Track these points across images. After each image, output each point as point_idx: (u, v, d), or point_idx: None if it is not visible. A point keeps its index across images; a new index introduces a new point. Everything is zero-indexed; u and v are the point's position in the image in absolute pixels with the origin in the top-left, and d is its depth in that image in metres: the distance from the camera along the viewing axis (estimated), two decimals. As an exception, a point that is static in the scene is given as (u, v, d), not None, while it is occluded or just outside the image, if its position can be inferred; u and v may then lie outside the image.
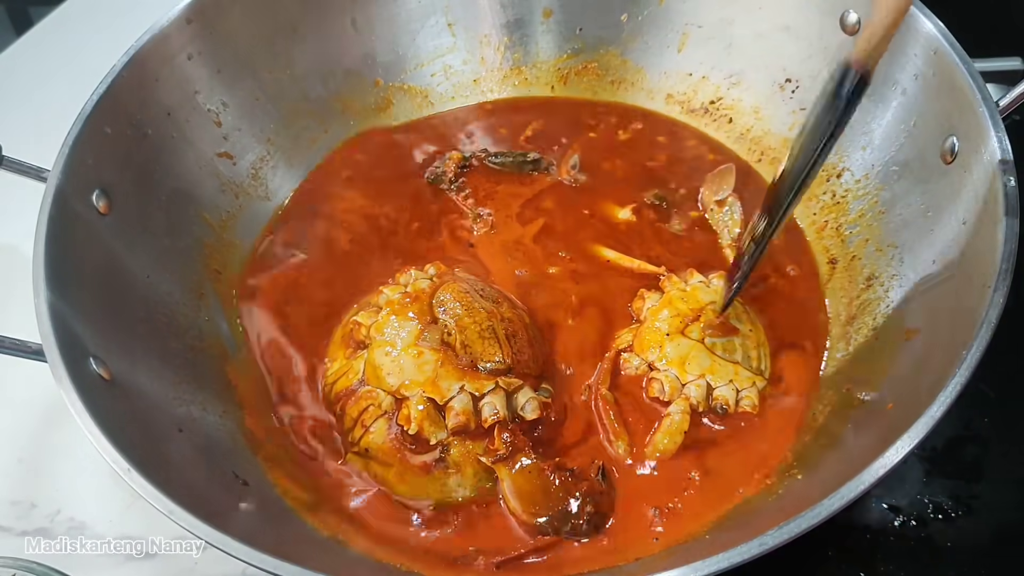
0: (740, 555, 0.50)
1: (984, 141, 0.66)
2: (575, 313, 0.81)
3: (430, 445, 0.69)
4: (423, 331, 0.72)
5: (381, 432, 0.70)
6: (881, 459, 0.53)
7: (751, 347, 0.74)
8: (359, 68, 0.99)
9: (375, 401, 0.70)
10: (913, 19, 0.74)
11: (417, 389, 0.69)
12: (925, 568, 0.72)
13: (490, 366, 0.71)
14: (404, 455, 0.69)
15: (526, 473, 0.68)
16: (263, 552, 0.52)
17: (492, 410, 0.69)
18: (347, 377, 0.73)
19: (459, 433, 0.69)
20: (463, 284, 0.77)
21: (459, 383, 0.69)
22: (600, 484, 0.69)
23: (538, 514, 0.66)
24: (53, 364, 0.60)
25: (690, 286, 0.79)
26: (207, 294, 0.83)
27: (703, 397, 0.72)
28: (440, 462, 0.69)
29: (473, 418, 0.69)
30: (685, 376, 0.73)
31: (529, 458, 0.68)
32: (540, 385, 0.74)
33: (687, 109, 0.99)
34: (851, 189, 0.85)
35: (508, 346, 0.73)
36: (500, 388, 0.70)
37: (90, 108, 0.75)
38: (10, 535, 0.78)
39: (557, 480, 0.67)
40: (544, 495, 0.67)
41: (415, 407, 0.68)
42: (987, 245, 0.62)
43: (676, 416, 0.71)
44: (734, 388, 0.72)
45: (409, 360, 0.71)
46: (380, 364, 0.71)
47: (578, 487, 0.68)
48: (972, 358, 0.56)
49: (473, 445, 0.69)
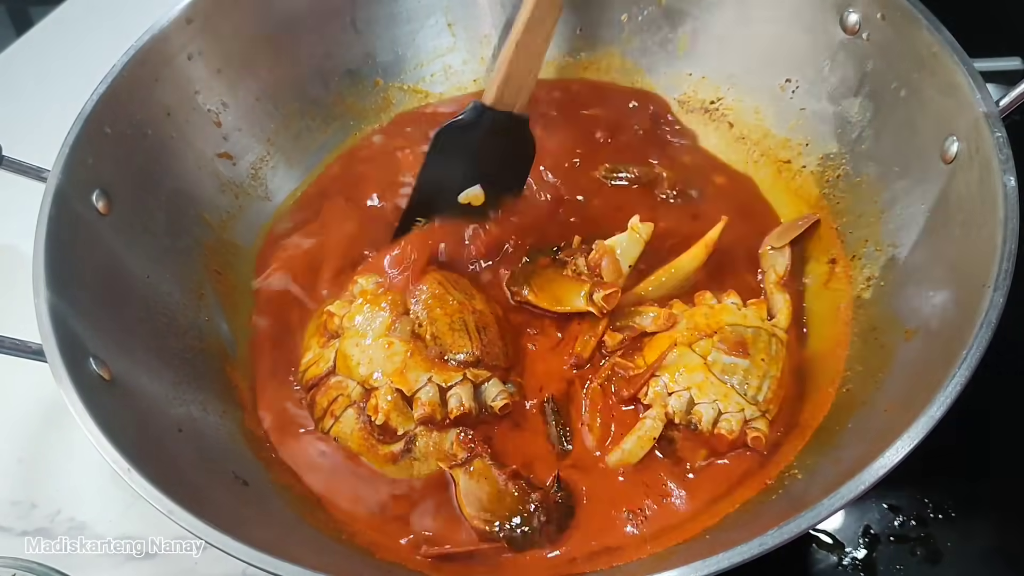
0: (740, 555, 0.50)
1: (984, 141, 0.66)
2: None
3: (397, 435, 0.69)
4: (394, 322, 0.73)
5: (349, 421, 0.70)
6: (881, 459, 0.53)
7: (754, 375, 0.72)
8: (359, 68, 0.99)
9: (344, 391, 0.71)
10: (913, 19, 0.75)
11: (385, 380, 0.70)
12: (925, 568, 0.72)
13: (460, 357, 0.72)
14: (371, 444, 0.70)
15: (481, 478, 0.67)
16: (263, 552, 0.52)
17: (458, 402, 0.69)
18: (318, 366, 0.74)
19: (425, 423, 0.69)
20: (439, 275, 0.78)
21: (427, 374, 0.70)
22: (554, 495, 0.68)
23: (489, 521, 0.66)
24: (53, 364, 0.60)
25: (720, 304, 0.78)
26: (207, 294, 0.83)
27: (682, 409, 0.70)
28: (406, 452, 0.69)
29: (440, 409, 0.69)
30: (672, 385, 0.72)
31: (485, 463, 0.68)
32: (508, 378, 0.74)
33: (687, 110, 0.99)
34: (851, 189, 0.85)
35: (478, 338, 0.73)
36: (468, 380, 0.71)
37: (90, 108, 0.75)
38: (10, 535, 0.78)
39: (512, 487, 0.67)
40: (496, 502, 0.66)
41: (383, 398, 0.69)
42: (987, 245, 0.62)
43: (648, 423, 0.70)
44: (716, 408, 0.70)
45: (379, 350, 0.71)
46: (350, 354, 0.72)
47: (532, 496, 0.67)
48: (972, 358, 0.56)
49: (439, 437, 0.69)
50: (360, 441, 0.70)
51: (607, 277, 0.80)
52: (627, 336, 0.77)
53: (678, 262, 0.83)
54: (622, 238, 0.83)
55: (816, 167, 0.89)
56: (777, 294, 0.81)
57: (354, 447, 0.71)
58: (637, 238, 0.83)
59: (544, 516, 0.66)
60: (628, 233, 0.83)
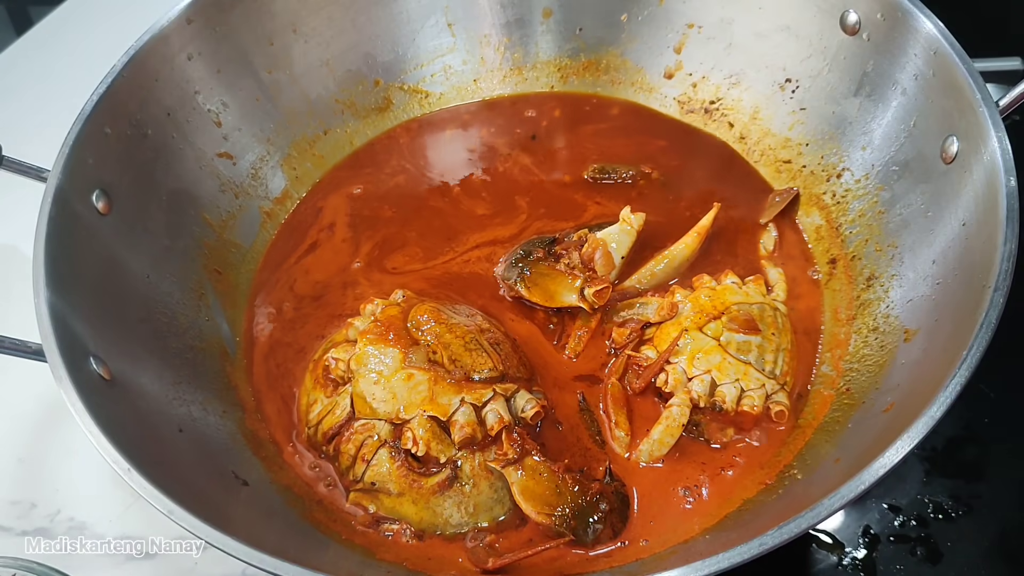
0: (740, 555, 0.50)
1: (984, 141, 0.66)
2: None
3: (440, 464, 0.68)
4: (407, 354, 0.71)
5: (385, 462, 0.68)
6: (881, 459, 0.53)
7: (768, 350, 0.74)
8: (359, 68, 0.99)
9: (371, 432, 0.69)
10: (913, 19, 0.75)
11: (416, 410, 0.68)
12: (925, 568, 0.72)
13: (485, 373, 0.71)
14: (415, 480, 0.67)
15: (537, 474, 0.67)
16: (263, 552, 0.52)
17: (496, 416, 0.68)
18: (334, 414, 0.71)
19: (467, 446, 0.68)
20: (434, 303, 0.77)
21: (458, 396, 0.68)
22: (610, 486, 0.69)
23: (552, 513, 0.65)
24: (53, 364, 0.60)
25: (721, 285, 0.79)
26: (207, 294, 0.83)
27: (705, 392, 0.72)
28: (454, 480, 0.67)
29: (479, 429, 0.68)
30: (692, 370, 0.73)
31: (537, 460, 0.68)
32: (532, 388, 0.74)
33: (687, 110, 0.99)
34: (851, 189, 0.85)
35: (496, 354, 0.73)
36: (499, 394, 0.70)
37: (90, 108, 0.75)
38: (10, 535, 0.78)
39: (569, 480, 0.67)
40: (557, 495, 0.66)
41: (418, 428, 0.67)
42: (987, 245, 0.62)
43: (675, 411, 0.71)
44: (738, 387, 0.72)
45: (400, 384, 0.69)
46: (370, 393, 0.69)
47: (591, 487, 0.67)
48: (972, 358, 0.56)
49: (482, 456, 0.68)
50: (400, 479, 0.67)
51: (600, 269, 0.81)
52: (633, 329, 0.78)
53: (672, 251, 0.83)
54: (614, 230, 0.83)
55: (816, 167, 0.89)
56: (771, 268, 0.83)
57: (396, 488, 0.67)
58: (629, 229, 0.83)
59: (607, 505, 0.67)
60: (619, 224, 0.84)
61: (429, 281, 0.86)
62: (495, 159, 0.98)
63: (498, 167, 0.97)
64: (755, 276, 0.81)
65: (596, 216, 0.90)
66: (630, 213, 0.84)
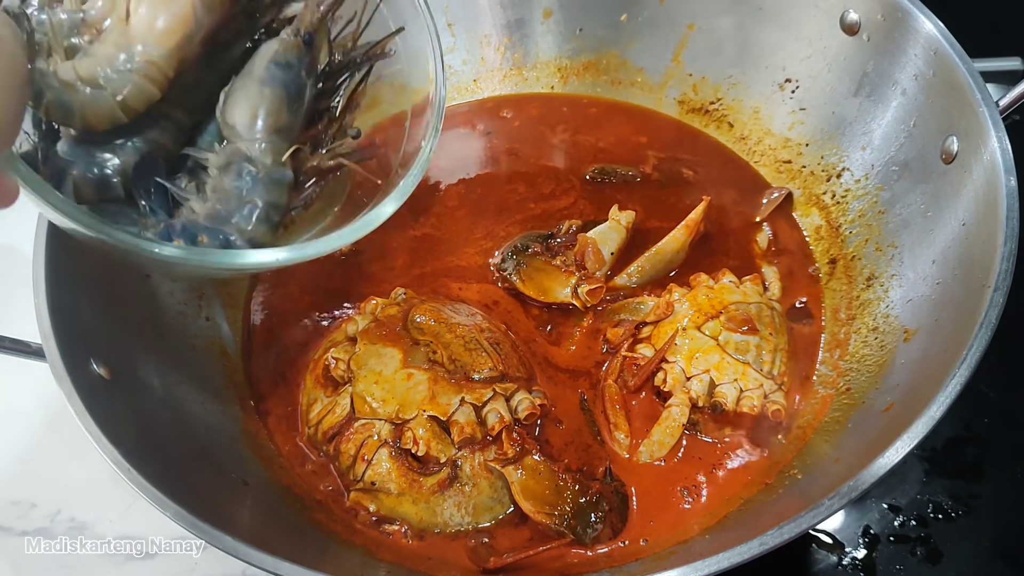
0: (740, 555, 0.50)
1: (984, 141, 0.66)
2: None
3: (440, 464, 0.68)
4: (406, 354, 0.71)
5: (385, 462, 0.68)
6: (881, 459, 0.53)
7: (766, 350, 0.74)
8: (359, 68, 0.99)
9: (371, 432, 0.69)
10: (913, 19, 0.75)
11: (416, 410, 0.68)
12: (925, 568, 0.72)
13: (485, 373, 0.71)
14: (415, 480, 0.67)
15: (536, 474, 0.67)
16: (263, 552, 0.52)
17: (497, 416, 0.68)
18: (334, 414, 0.71)
19: (467, 445, 0.68)
20: (434, 303, 0.77)
21: (458, 396, 0.69)
22: (609, 485, 0.69)
23: (552, 512, 0.66)
24: (53, 364, 0.60)
25: (718, 285, 0.79)
26: (207, 294, 0.83)
27: (705, 392, 0.72)
28: (454, 479, 0.68)
29: (479, 428, 0.68)
30: (691, 370, 0.73)
31: (537, 459, 0.68)
32: (532, 387, 0.74)
33: (687, 110, 0.99)
34: (851, 189, 0.85)
35: (496, 353, 0.73)
36: (499, 394, 0.70)
37: (90, 108, 0.74)
38: (10, 535, 0.78)
39: (569, 480, 0.67)
40: (557, 494, 0.67)
41: (419, 428, 0.67)
42: (987, 245, 0.62)
43: (674, 411, 0.71)
44: (737, 387, 0.72)
45: (400, 384, 0.69)
46: (371, 393, 0.69)
47: (591, 487, 0.67)
48: (972, 358, 0.56)
49: (482, 456, 0.68)
50: (401, 479, 0.67)
51: (591, 267, 0.81)
52: (627, 329, 0.78)
53: (661, 246, 0.83)
54: (603, 228, 0.84)
55: (816, 167, 0.89)
56: (766, 267, 0.84)
57: (396, 488, 0.67)
58: (618, 227, 0.84)
59: (607, 505, 0.67)
60: (609, 223, 0.84)
61: (428, 279, 0.86)
62: (494, 159, 0.98)
63: (498, 167, 0.97)
64: (752, 276, 0.81)
65: (596, 217, 0.90)
66: (619, 211, 0.85)
